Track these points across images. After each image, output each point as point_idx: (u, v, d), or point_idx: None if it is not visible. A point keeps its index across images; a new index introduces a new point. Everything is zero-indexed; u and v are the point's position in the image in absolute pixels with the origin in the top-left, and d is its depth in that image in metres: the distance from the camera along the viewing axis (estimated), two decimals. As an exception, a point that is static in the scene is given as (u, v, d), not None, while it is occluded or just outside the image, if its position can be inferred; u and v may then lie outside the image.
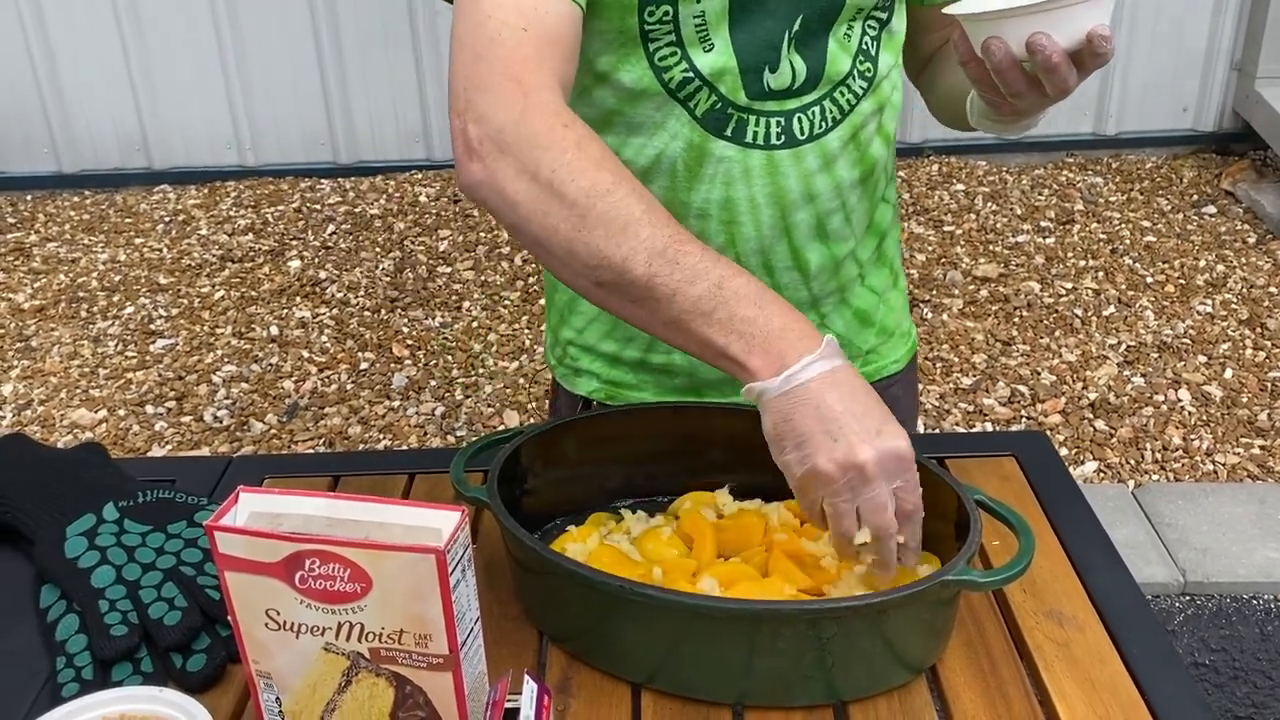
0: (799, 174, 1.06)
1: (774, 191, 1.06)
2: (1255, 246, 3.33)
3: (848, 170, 1.09)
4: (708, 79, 1.01)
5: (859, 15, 1.04)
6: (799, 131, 1.05)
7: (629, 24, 0.98)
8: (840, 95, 1.06)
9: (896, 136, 1.18)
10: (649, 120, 1.03)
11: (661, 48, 1.00)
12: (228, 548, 0.71)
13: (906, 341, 1.26)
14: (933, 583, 0.79)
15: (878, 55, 1.07)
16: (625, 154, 1.05)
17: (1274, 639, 2.13)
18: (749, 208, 1.06)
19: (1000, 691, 0.84)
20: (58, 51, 3.80)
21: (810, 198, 1.08)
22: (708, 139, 1.04)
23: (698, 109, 1.02)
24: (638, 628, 0.82)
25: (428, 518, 0.71)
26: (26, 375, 2.94)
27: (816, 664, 0.80)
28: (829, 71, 1.04)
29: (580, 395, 1.22)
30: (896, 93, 1.13)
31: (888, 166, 1.16)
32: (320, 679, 0.75)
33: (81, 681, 0.86)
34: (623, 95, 1.03)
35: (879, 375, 1.22)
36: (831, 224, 1.10)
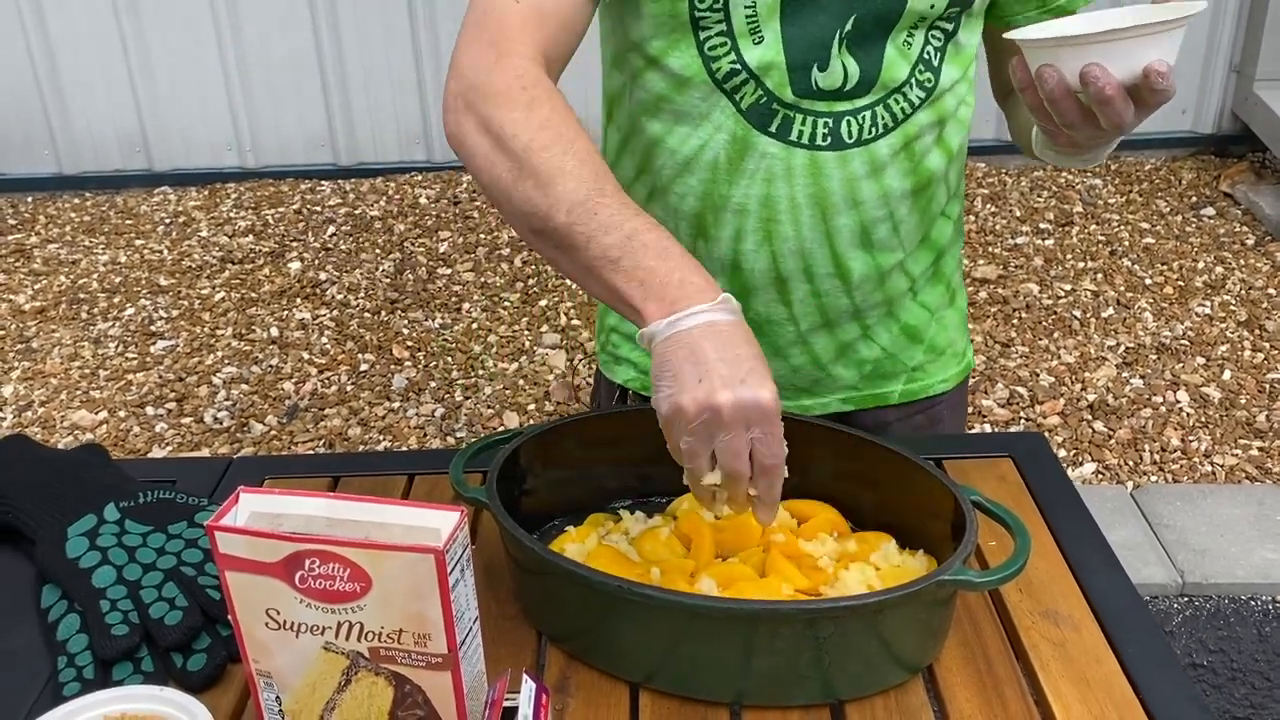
0: (843, 177, 1.05)
1: (816, 193, 1.05)
2: (1254, 248, 3.34)
3: (898, 180, 1.07)
4: (755, 72, 1.01)
5: (921, 24, 1.02)
6: (847, 135, 1.04)
7: (680, 9, 0.99)
8: (895, 103, 1.04)
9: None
10: (695, 109, 1.04)
11: (712, 36, 1.01)
12: (228, 547, 0.72)
13: (959, 362, 1.24)
14: (929, 582, 0.79)
15: (940, 66, 1.05)
16: (670, 142, 1.07)
17: (1272, 640, 2.13)
18: (789, 207, 1.06)
19: (996, 691, 0.84)
20: (58, 53, 3.80)
21: (855, 203, 1.06)
22: (751, 133, 1.04)
23: (743, 102, 1.03)
24: (636, 627, 0.82)
25: (427, 518, 0.72)
26: (27, 376, 2.95)
27: (813, 663, 0.80)
28: (884, 77, 1.03)
29: (618, 384, 1.23)
30: (965, 108, 1.11)
31: (949, 181, 1.14)
32: (320, 678, 0.75)
33: (83, 681, 0.86)
34: (671, 81, 1.04)
35: (924, 394, 1.21)
36: (877, 233, 1.09)
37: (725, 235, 1.08)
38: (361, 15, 3.75)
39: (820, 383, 1.18)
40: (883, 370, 1.19)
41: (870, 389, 1.20)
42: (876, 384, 1.19)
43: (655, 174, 1.10)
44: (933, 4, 1.01)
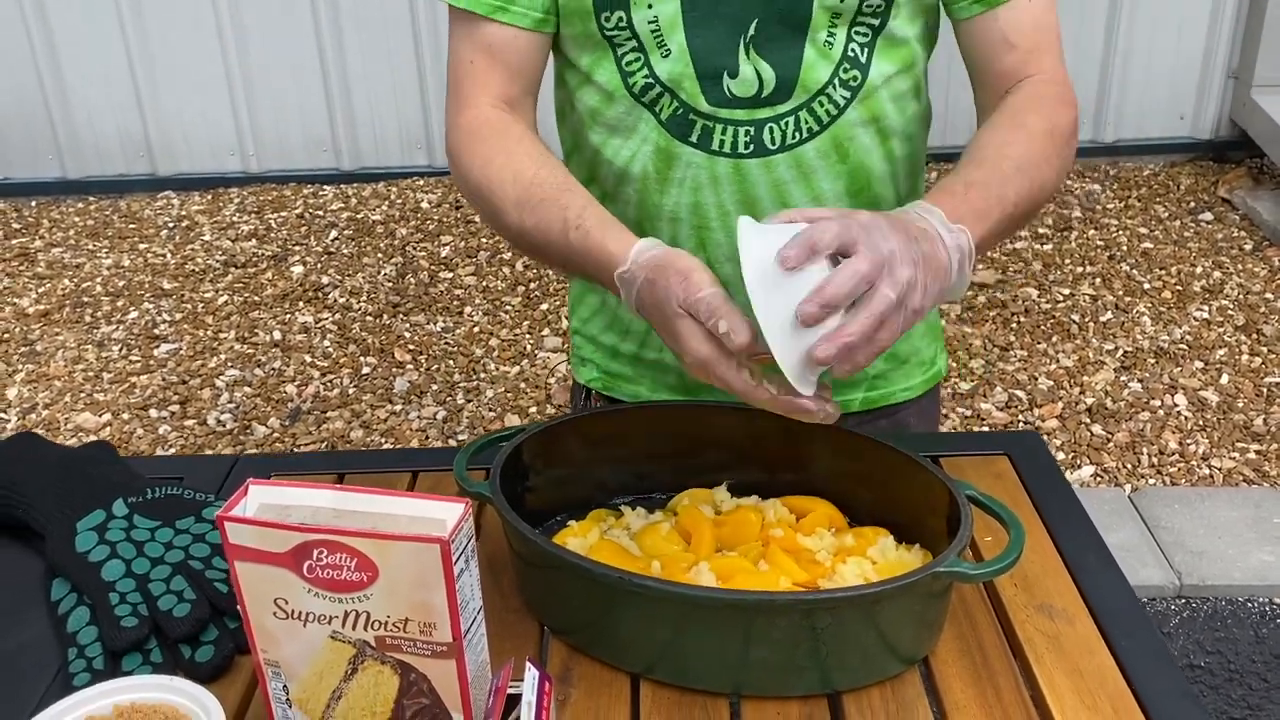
0: (770, 183, 1.06)
1: (744, 200, 1.06)
2: (1251, 253, 3.35)
3: (830, 182, 1.07)
4: (667, 84, 1.03)
5: (839, 21, 1.01)
6: (769, 141, 1.04)
7: (591, 29, 1.03)
8: (819, 105, 1.04)
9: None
10: (622, 122, 1.07)
11: (627, 52, 1.03)
12: (238, 538, 0.73)
13: (925, 370, 1.23)
14: (925, 574, 0.81)
15: (869, 63, 1.04)
16: (606, 153, 1.09)
17: (1269, 641, 2.14)
18: (718, 214, 1.07)
19: (991, 682, 0.85)
20: (62, 58, 3.83)
21: (785, 208, 1.06)
22: (673, 144, 1.06)
23: (662, 114, 1.05)
24: (637, 618, 0.84)
25: (433, 509, 0.73)
26: (31, 379, 2.97)
27: (811, 654, 0.82)
28: (804, 79, 1.02)
29: (583, 384, 1.24)
30: (910, 103, 1.09)
31: (898, 180, 1.12)
32: (327, 667, 0.77)
33: (92, 671, 0.87)
34: (600, 96, 1.07)
35: (885, 402, 1.20)
36: None
37: (664, 241, 1.10)
38: (364, 20, 3.77)
39: None
40: (842, 380, 1.18)
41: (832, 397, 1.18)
42: (837, 391, 1.17)
43: (601, 182, 1.13)
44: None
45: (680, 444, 1.04)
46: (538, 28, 1.05)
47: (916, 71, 1.09)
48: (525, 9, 1.04)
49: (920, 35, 1.07)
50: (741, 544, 0.96)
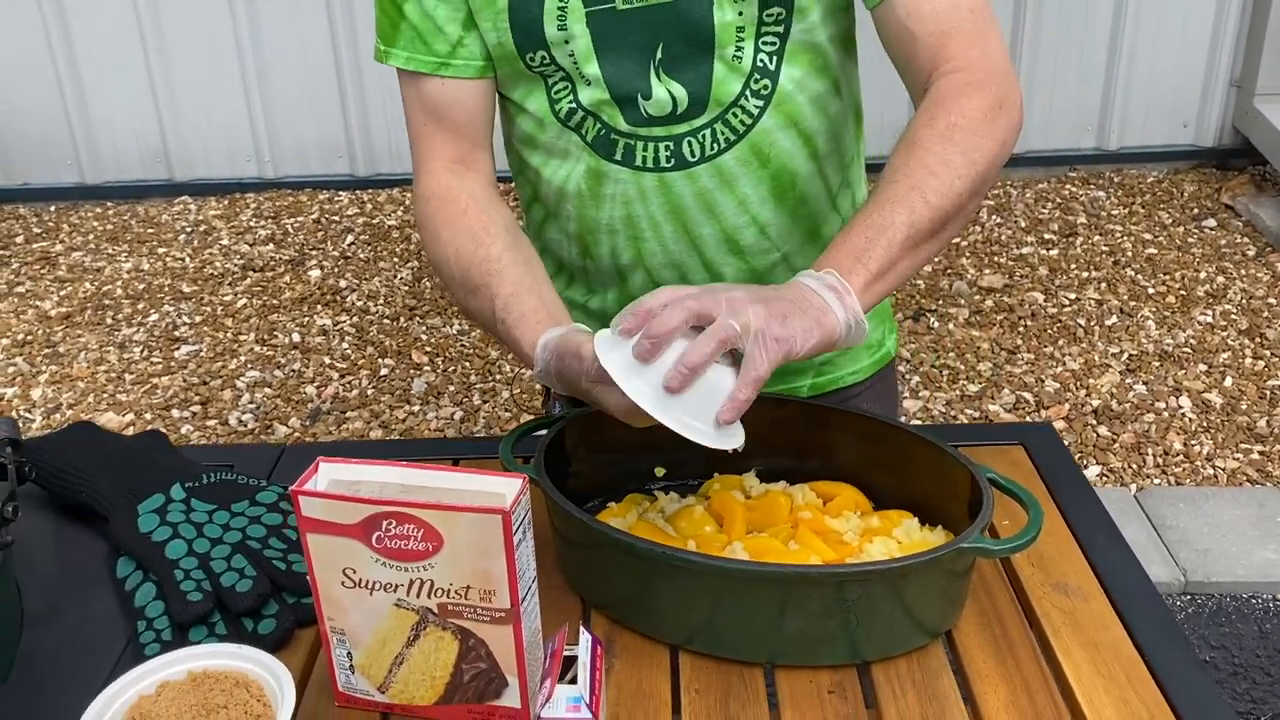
0: (694, 192, 1.11)
1: (672, 209, 1.12)
2: (1255, 259, 3.40)
3: (753, 187, 1.11)
4: (589, 109, 1.09)
5: (745, 35, 1.04)
6: (690, 154, 1.09)
7: (519, 68, 1.09)
8: (733, 116, 1.08)
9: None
10: (555, 145, 1.13)
11: (556, 83, 1.10)
12: (311, 511, 0.78)
13: (874, 353, 1.27)
14: (950, 549, 0.86)
15: (778, 71, 1.07)
16: (545, 174, 1.16)
17: (1272, 637, 2.19)
18: (650, 224, 1.13)
19: (1011, 653, 0.90)
20: (82, 66, 3.89)
21: (712, 214, 1.12)
22: (601, 163, 1.11)
23: (588, 136, 1.11)
24: (678, 592, 0.89)
25: (492, 484, 0.78)
26: (55, 380, 3.02)
27: (842, 625, 0.87)
28: (716, 95, 1.07)
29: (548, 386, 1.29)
30: (831, 100, 1.11)
31: (826, 176, 1.15)
32: (390, 633, 0.82)
33: (161, 642, 0.93)
34: (533, 123, 1.13)
35: (834, 386, 1.24)
36: (743, 238, 1.14)
37: (604, 253, 1.17)
38: (380, 29, 3.82)
39: None
40: (789, 368, 1.19)
41: (780, 385, 1.22)
42: (785, 380, 1.23)
43: (544, 201, 1.19)
44: (741, 11, 1.03)
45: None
46: (481, 75, 1.11)
47: (833, 72, 1.11)
48: (466, 60, 1.10)
49: (835, 35, 1.09)
50: (772, 526, 1.01)
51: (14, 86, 3.91)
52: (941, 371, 2.92)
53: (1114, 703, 0.85)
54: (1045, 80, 3.86)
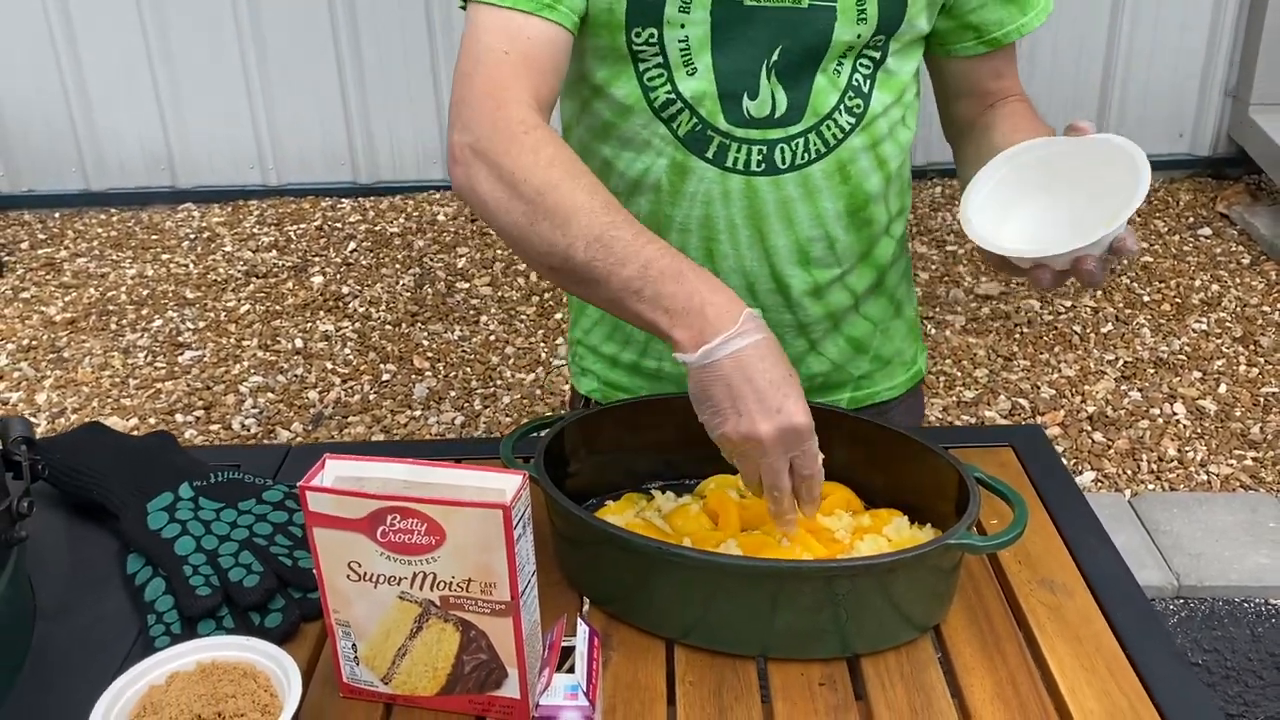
0: (778, 200, 1.13)
1: (752, 215, 1.13)
2: (1249, 267, 3.43)
3: (832, 201, 1.14)
4: (689, 101, 1.09)
5: (849, 53, 1.08)
6: (780, 161, 1.11)
7: (618, 42, 1.06)
8: (826, 129, 1.11)
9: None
10: (637, 136, 1.11)
11: (650, 68, 1.08)
12: (318, 506, 0.81)
13: (907, 370, 1.31)
14: (937, 545, 0.88)
15: (870, 93, 1.11)
16: (618, 166, 1.14)
17: (1264, 640, 2.21)
18: (727, 228, 1.14)
19: (998, 648, 0.93)
20: (87, 72, 3.92)
21: (790, 224, 1.14)
22: (689, 159, 1.11)
23: (680, 129, 1.10)
24: (673, 587, 0.91)
25: (493, 480, 0.81)
26: (59, 385, 3.05)
27: (833, 619, 0.89)
28: (814, 105, 1.10)
29: (583, 394, 1.31)
30: (903, 131, 1.17)
31: (888, 202, 1.19)
32: (394, 626, 0.85)
33: (171, 635, 0.95)
34: (615, 109, 1.11)
35: (871, 401, 1.28)
36: (814, 251, 1.16)
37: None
38: (382, 38, 3.86)
39: None
40: (831, 381, 1.26)
41: (819, 398, 1.25)
42: (825, 394, 1.26)
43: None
44: (859, 33, 1.06)
45: (707, 434, 1.11)
46: (574, 30, 1.04)
47: (906, 102, 1.17)
48: (570, 9, 1.02)
49: (912, 70, 1.16)
50: (766, 524, 1.03)
51: (19, 93, 3.94)
52: (938, 378, 2.95)
53: (1096, 694, 0.88)
54: (1041, 90, 3.89)
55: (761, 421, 0.88)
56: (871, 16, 1.06)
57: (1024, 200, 1.03)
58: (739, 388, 0.88)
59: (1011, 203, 1.03)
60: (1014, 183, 1.04)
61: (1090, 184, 0.99)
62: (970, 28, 1.15)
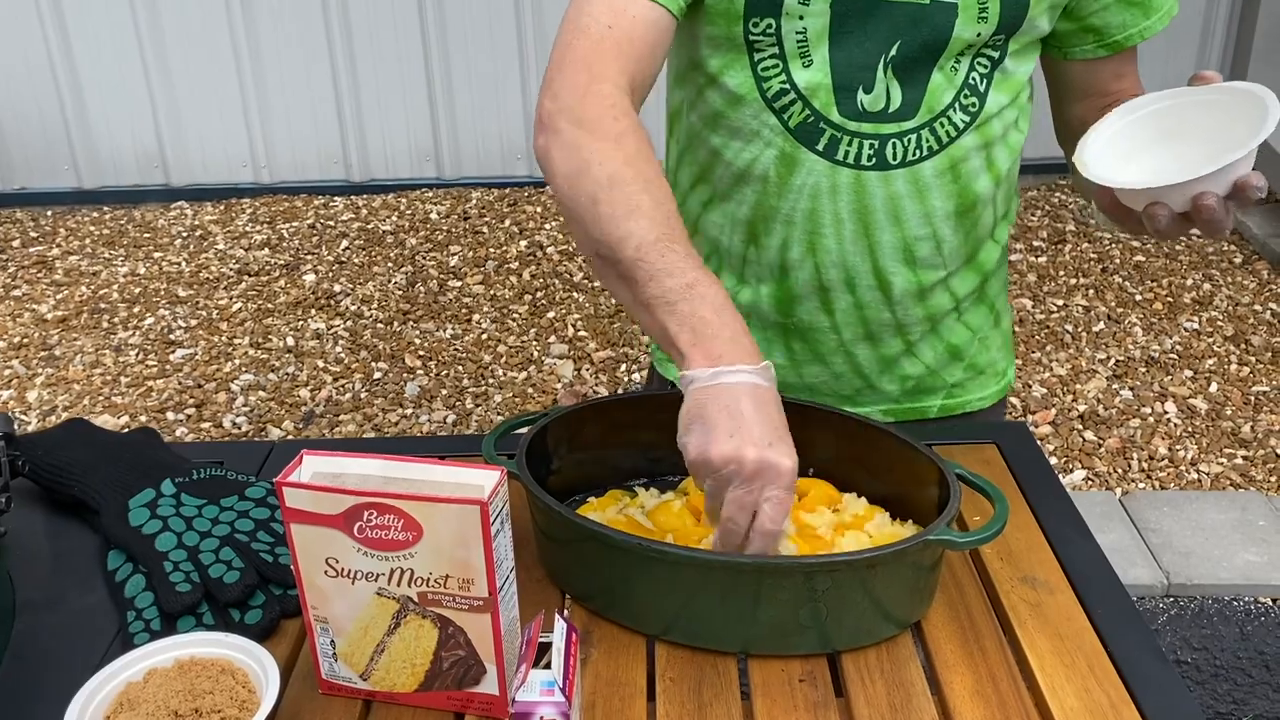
0: (886, 196, 1.11)
1: (859, 210, 1.12)
2: (1241, 266, 3.44)
3: (942, 201, 1.13)
4: (803, 92, 1.08)
5: (968, 51, 1.07)
6: (891, 156, 1.10)
7: (735, 32, 1.06)
8: (940, 126, 1.10)
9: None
10: (748, 126, 1.11)
11: (765, 58, 1.07)
12: (294, 501, 0.81)
13: (999, 381, 1.29)
14: (918, 541, 0.88)
15: (987, 92, 1.10)
16: (726, 155, 1.13)
17: (1253, 639, 2.21)
18: (833, 221, 1.12)
19: (978, 645, 0.93)
20: (80, 71, 3.92)
21: (897, 221, 1.12)
22: (799, 150, 1.10)
23: (791, 121, 1.09)
24: (654, 583, 0.91)
25: (471, 476, 0.81)
26: (50, 382, 3.04)
27: (813, 616, 0.89)
28: (929, 101, 1.08)
29: (669, 380, 1.31)
30: (1015, 134, 1.15)
31: (996, 204, 1.18)
32: (372, 622, 0.84)
33: (150, 632, 0.95)
34: (727, 98, 1.11)
35: (960, 410, 1.27)
36: (920, 250, 1.15)
37: (774, 244, 1.15)
38: (375, 36, 3.86)
39: (862, 393, 1.24)
40: (924, 386, 1.25)
41: (910, 403, 1.26)
42: (917, 399, 1.26)
43: (714, 183, 1.16)
44: (979, 32, 1.05)
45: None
46: (679, 15, 1.04)
47: (1020, 103, 1.15)
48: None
49: (1030, 73, 1.14)
50: (748, 521, 1.03)
51: (12, 91, 3.94)
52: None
53: (1076, 691, 0.87)
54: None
55: (750, 447, 0.85)
56: (993, 15, 1.05)
57: (1144, 150, 1.00)
58: (739, 410, 0.86)
59: (1131, 154, 1.00)
60: (1133, 134, 1.01)
61: (1214, 131, 0.95)
62: (1091, 30, 1.13)
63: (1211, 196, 0.92)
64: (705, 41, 1.09)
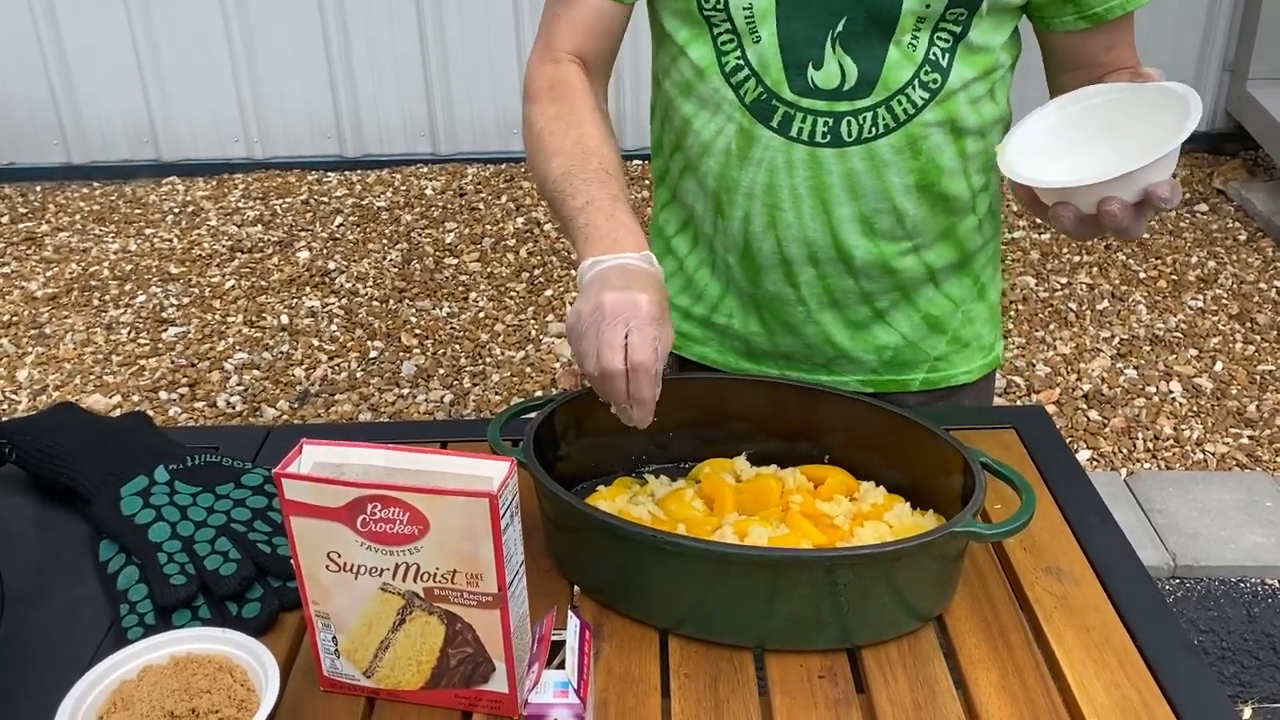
0: (843, 172, 1.11)
1: (815, 186, 1.12)
2: (1246, 244, 3.40)
3: (900, 176, 1.12)
4: (755, 69, 1.08)
5: (924, 25, 1.06)
6: (846, 133, 1.09)
7: (690, 6, 1.09)
8: (898, 104, 1.09)
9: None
10: (711, 98, 1.13)
11: (723, 33, 1.09)
12: (294, 494, 0.77)
13: (985, 355, 1.28)
14: (943, 533, 0.85)
15: (950, 67, 1.08)
16: (695, 124, 1.15)
17: (1260, 620, 2.19)
18: (790, 196, 1.12)
19: (1003, 639, 0.90)
20: (68, 44, 3.85)
21: (855, 196, 1.12)
22: (755, 126, 1.11)
23: (747, 97, 1.10)
24: (667, 575, 0.88)
25: (479, 467, 0.77)
26: (41, 361, 3.00)
27: (833, 609, 0.86)
28: (886, 79, 1.07)
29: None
30: (989, 106, 1.13)
31: (971, 178, 1.16)
32: (376, 618, 0.81)
33: (145, 626, 0.91)
34: (693, 70, 1.13)
35: (945, 384, 1.25)
36: (880, 223, 1.14)
37: (737, 216, 1.16)
38: (369, 9, 3.80)
39: (837, 361, 1.23)
40: (904, 358, 1.23)
41: (891, 375, 1.24)
42: (898, 371, 1.24)
43: (686, 151, 1.18)
44: (928, 3, 1.04)
45: (702, 415, 1.08)
46: (627, 1, 1.12)
47: (995, 77, 1.13)
48: None
49: (1004, 43, 1.12)
50: (762, 509, 1.00)
51: (0, 66, 3.87)
52: (932, 355, 2.92)
53: (1106, 687, 0.84)
54: (1036, 64, 3.84)
55: (609, 293, 0.94)
56: None
57: (1077, 147, 0.99)
58: (607, 278, 0.96)
59: (1062, 151, 0.99)
60: (1066, 128, 0.99)
61: (1142, 132, 0.94)
62: (1069, 1, 1.09)
63: (1116, 203, 0.92)
64: (671, 14, 1.13)
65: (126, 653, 0.84)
